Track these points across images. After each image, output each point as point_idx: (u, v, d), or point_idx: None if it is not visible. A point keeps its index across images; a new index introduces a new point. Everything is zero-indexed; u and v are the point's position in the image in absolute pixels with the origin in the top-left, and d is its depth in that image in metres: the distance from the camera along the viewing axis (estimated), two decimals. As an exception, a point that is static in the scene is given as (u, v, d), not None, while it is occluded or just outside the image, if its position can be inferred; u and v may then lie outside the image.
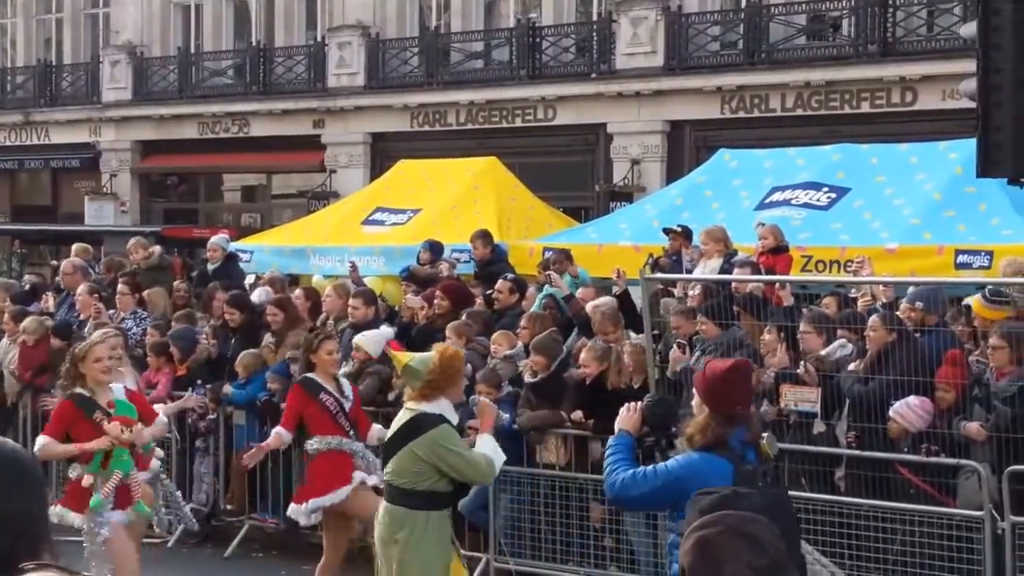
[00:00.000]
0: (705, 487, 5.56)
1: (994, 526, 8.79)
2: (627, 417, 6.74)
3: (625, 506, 7.05)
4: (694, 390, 6.47)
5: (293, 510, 9.76)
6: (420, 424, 7.78)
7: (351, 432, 9.67)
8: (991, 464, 8.97)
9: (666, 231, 14.45)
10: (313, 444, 9.61)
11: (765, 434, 6.50)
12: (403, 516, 7.80)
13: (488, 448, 7.90)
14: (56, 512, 8.64)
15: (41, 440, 8.96)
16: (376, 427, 9.81)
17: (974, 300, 10.54)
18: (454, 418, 7.96)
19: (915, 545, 9.01)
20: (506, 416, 10.29)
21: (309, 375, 9.74)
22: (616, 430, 6.68)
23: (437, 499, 7.83)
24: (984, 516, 8.82)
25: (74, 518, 8.85)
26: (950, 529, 8.97)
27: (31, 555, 2.90)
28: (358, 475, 9.54)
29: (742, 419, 6.28)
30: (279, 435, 9.68)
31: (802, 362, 9.91)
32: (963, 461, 9.14)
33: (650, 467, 6.35)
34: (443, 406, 7.87)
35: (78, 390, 8.92)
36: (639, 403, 6.85)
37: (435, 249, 15.69)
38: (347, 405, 9.71)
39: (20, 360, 13.53)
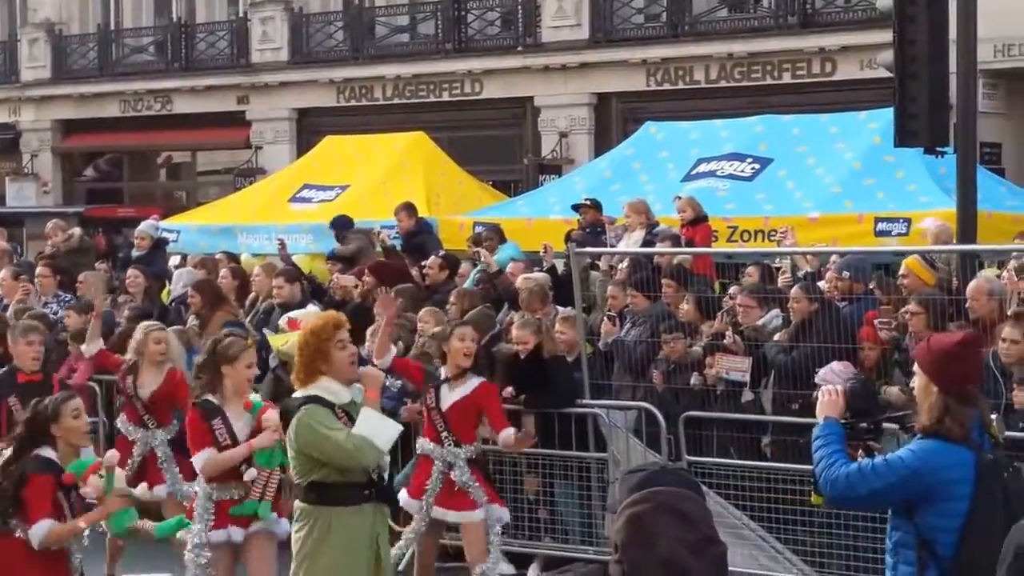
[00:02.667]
0: (945, 479, 5.26)
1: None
2: (831, 402, 5.86)
3: (850, 505, 6.26)
4: (916, 367, 5.78)
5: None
6: (288, 410, 7.06)
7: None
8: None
9: (575, 207, 14.59)
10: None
11: (994, 416, 5.83)
12: (304, 512, 7.03)
13: (367, 425, 6.86)
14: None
15: (204, 455, 7.96)
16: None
17: (912, 260, 10.71)
18: (345, 397, 7.03)
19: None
20: (398, 383, 10.14)
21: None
22: (821, 418, 5.82)
23: (341, 493, 6.96)
24: (904, 477, 9.03)
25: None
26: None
27: None
28: None
29: (975, 399, 5.66)
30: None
31: (728, 331, 10.09)
32: (887, 424, 9.36)
33: (879, 459, 5.60)
34: (324, 387, 6.98)
35: (209, 397, 8.06)
36: (840, 387, 6.04)
37: (336, 224, 15.59)
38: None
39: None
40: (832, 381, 9.46)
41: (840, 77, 22.01)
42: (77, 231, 16.73)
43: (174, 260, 16.29)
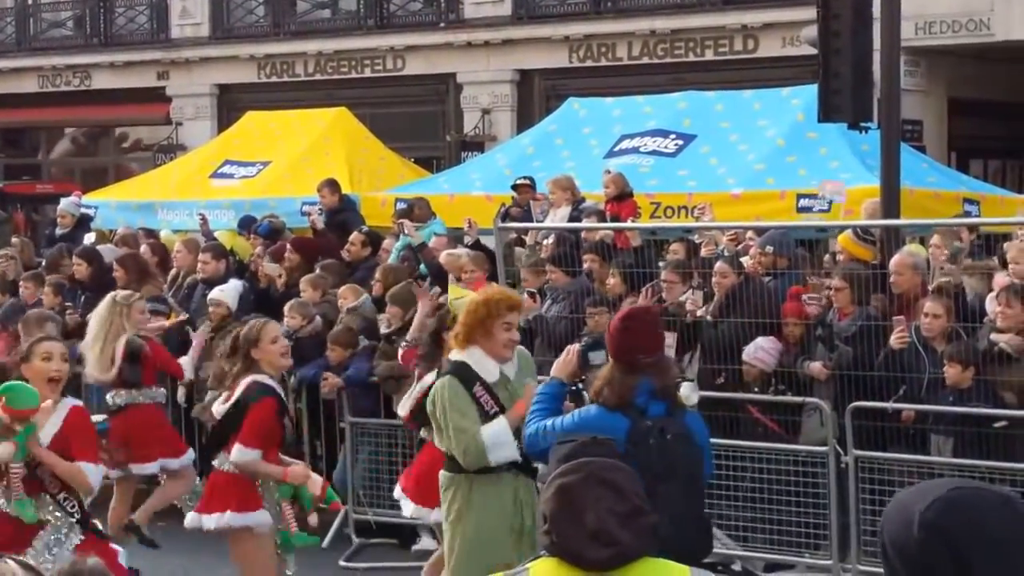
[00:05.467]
0: None
1: (838, 460, 9.10)
2: (563, 362, 6.37)
3: (537, 459, 6.52)
4: None
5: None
6: (438, 370, 7.17)
7: None
8: (833, 401, 9.28)
9: (514, 187, 14.57)
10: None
11: (685, 383, 6.26)
12: (447, 480, 7.05)
13: (493, 431, 6.80)
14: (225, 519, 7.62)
15: (251, 455, 7.55)
16: None
17: (843, 236, 10.77)
18: (494, 375, 6.94)
19: (764, 481, 9.29)
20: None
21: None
22: (550, 377, 6.31)
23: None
24: (828, 451, 9.13)
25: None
26: (796, 465, 9.27)
27: None
28: None
29: (645, 368, 6.03)
30: None
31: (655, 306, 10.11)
32: (808, 399, 9.45)
33: (553, 420, 6.10)
34: (475, 356, 6.92)
35: (268, 381, 7.65)
36: (577, 348, 6.48)
37: (243, 224, 15.45)
38: None
39: None
40: (762, 358, 9.58)
41: (762, 54, 22.11)
42: (-8, 207, 16.51)
43: (89, 237, 16.03)
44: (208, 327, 11.07)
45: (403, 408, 8.29)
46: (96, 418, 7.78)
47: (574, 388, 6.42)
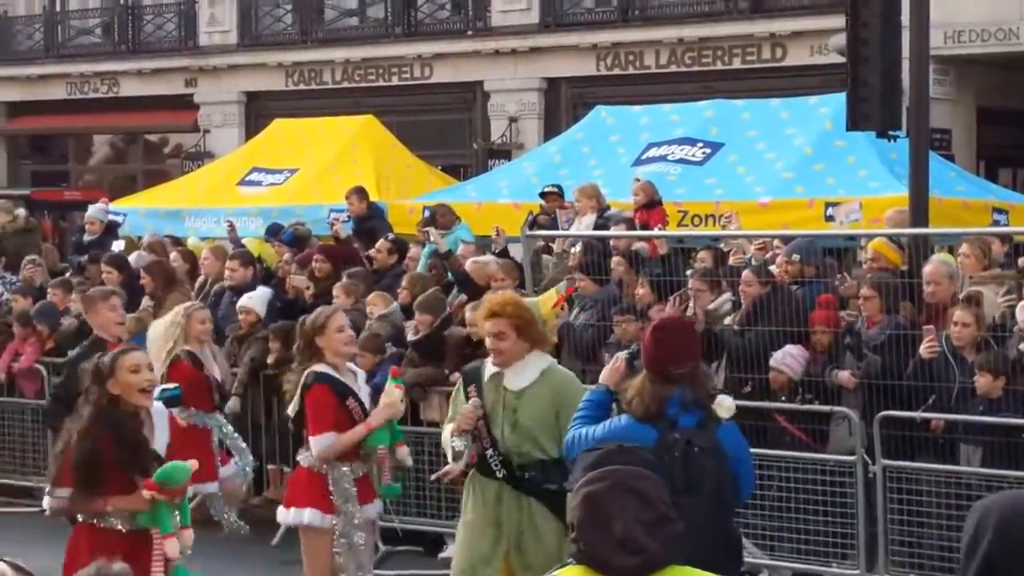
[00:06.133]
0: None
1: (865, 470, 9.06)
2: (611, 369, 6.40)
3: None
4: None
5: None
6: (467, 373, 7.38)
7: None
8: (861, 410, 9.24)
9: (542, 194, 14.57)
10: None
11: (720, 396, 6.19)
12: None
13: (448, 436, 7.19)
14: (291, 515, 7.65)
15: (325, 440, 7.48)
16: None
17: (878, 242, 10.72)
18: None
19: (792, 491, 9.26)
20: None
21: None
22: (597, 383, 6.32)
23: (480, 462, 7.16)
24: (856, 460, 9.09)
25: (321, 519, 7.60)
26: (824, 474, 9.23)
27: None
28: None
29: (677, 380, 5.99)
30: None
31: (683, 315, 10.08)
32: (836, 408, 9.41)
33: (588, 429, 6.11)
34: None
35: (323, 369, 7.59)
36: (625, 356, 6.48)
37: (270, 231, 15.39)
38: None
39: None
40: (790, 364, 9.55)
41: (790, 62, 22.06)
42: (22, 212, 16.62)
43: (119, 244, 16.10)
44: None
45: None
46: (167, 386, 7.73)
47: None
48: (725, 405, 6.12)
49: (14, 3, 30.73)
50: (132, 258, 14.20)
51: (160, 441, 6.70)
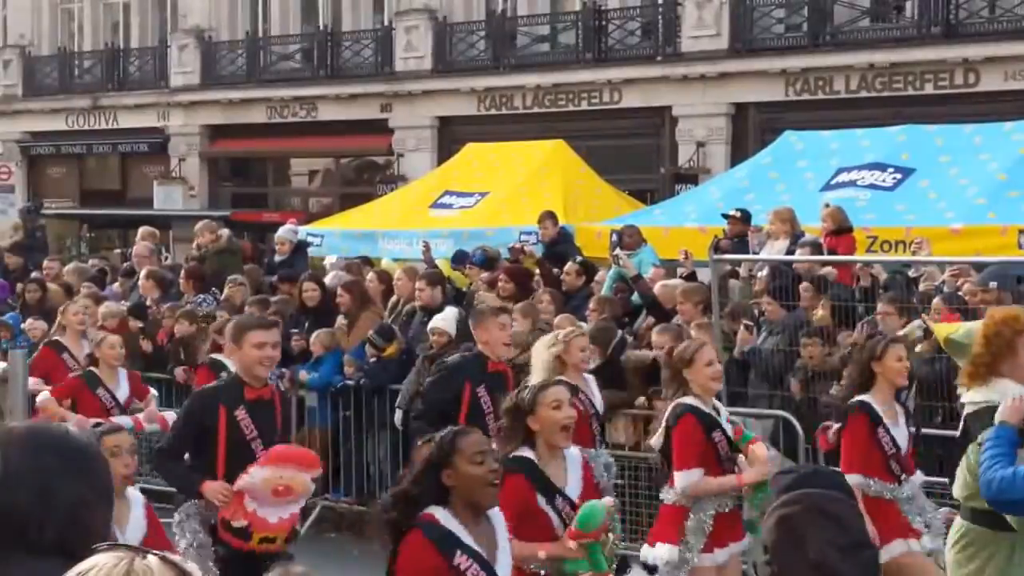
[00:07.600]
0: None
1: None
2: (1011, 408, 6.04)
3: (1006, 509, 6.05)
4: None
5: None
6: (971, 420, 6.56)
7: None
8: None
9: (725, 216, 14.61)
10: None
11: None
12: (979, 537, 6.44)
13: None
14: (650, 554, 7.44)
15: (691, 476, 7.31)
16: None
17: None
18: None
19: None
20: None
21: None
22: (996, 422, 6.02)
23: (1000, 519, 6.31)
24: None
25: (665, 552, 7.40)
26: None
27: (84, 545, 2.68)
28: None
29: None
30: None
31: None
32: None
33: (1019, 468, 5.79)
34: (1001, 390, 6.33)
35: (692, 401, 7.45)
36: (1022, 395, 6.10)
37: (456, 259, 15.52)
38: None
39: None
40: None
41: (984, 88, 21.70)
42: (226, 232, 17.01)
43: (333, 263, 16.61)
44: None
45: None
46: None
47: None
48: None
49: (218, 28, 31.79)
50: (328, 278, 14.66)
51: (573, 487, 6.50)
